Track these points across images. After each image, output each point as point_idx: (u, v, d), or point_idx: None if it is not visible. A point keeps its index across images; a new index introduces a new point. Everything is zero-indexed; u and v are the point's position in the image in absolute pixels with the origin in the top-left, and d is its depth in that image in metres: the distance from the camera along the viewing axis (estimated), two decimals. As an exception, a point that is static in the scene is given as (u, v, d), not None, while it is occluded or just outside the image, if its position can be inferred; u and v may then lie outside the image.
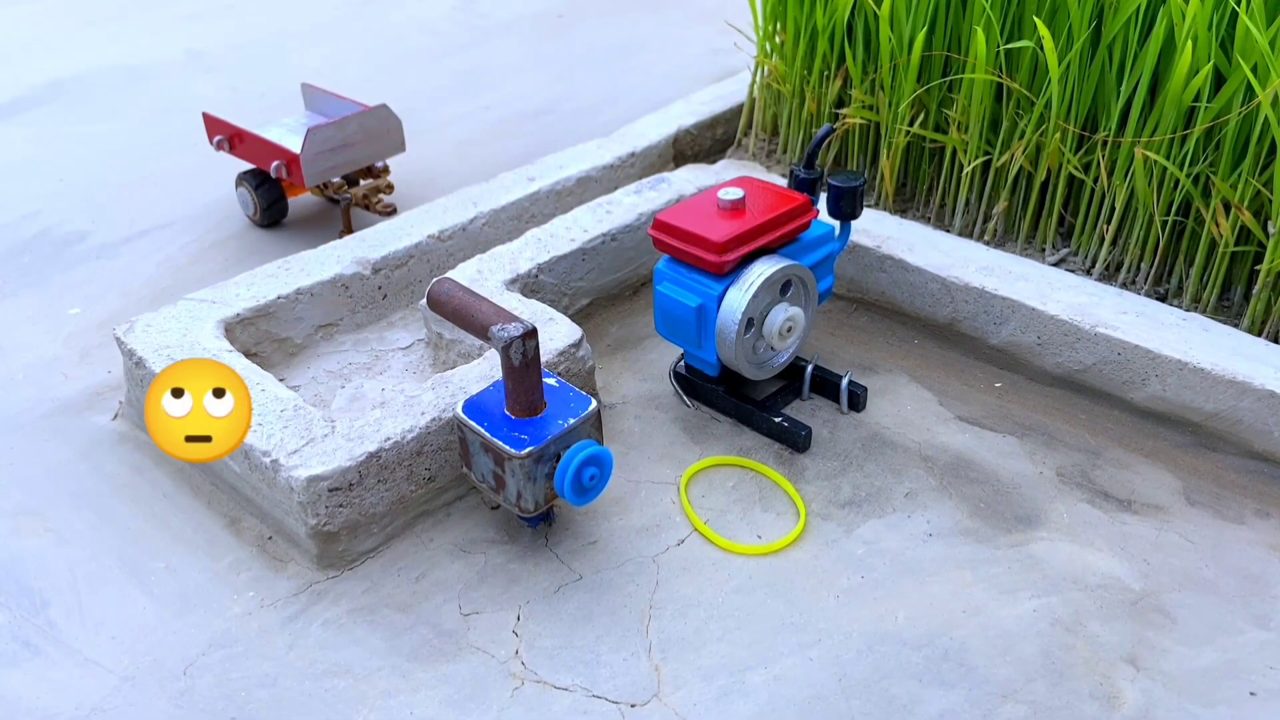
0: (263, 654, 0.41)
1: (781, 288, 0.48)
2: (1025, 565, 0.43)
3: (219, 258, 0.70)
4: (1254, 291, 0.54)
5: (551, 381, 0.44)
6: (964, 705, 0.38)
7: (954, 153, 0.71)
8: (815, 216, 0.50)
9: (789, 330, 0.48)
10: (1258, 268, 0.54)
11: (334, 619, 0.43)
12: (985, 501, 0.47)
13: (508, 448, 0.41)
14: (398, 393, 0.52)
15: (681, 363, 0.54)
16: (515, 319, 0.40)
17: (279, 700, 0.39)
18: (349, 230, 0.71)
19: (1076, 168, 0.66)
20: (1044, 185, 0.70)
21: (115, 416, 0.54)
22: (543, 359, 0.44)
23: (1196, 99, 0.55)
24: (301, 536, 0.44)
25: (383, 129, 0.70)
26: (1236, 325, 0.53)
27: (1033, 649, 0.40)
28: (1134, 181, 0.62)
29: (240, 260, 0.69)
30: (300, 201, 0.76)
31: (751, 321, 0.47)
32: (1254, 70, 0.54)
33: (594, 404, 0.43)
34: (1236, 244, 0.55)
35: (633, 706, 0.38)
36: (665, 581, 0.44)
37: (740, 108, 0.75)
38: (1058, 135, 0.64)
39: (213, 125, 0.72)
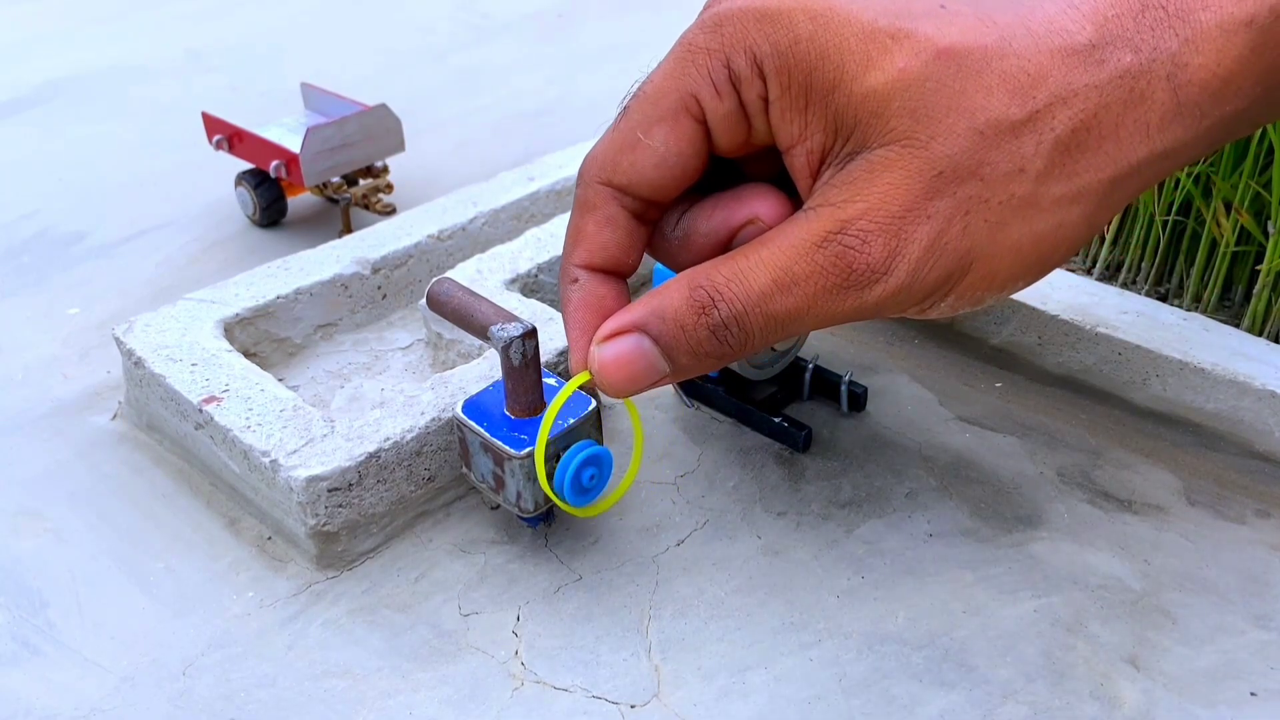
0: (262, 654, 0.41)
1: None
2: (1026, 565, 0.43)
3: (218, 258, 0.70)
4: (1254, 291, 0.54)
5: (551, 381, 0.44)
6: (965, 705, 0.38)
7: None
8: (815, 216, 0.50)
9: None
10: (1258, 267, 0.54)
11: (333, 619, 0.42)
12: (986, 501, 0.47)
13: (507, 448, 0.41)
14: (397, 393, 0.52)
15: (681, 363, 0.54)
16: (515, 319, 0.40)
17: (278, 700, 0.39)
18: (348, 230, 0.71)
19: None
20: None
21: (114, 416, 0.54)
22: (543, 359, 0.43)
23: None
24: (301, 537, 0.44)
25: (382, 129, 0.70)
26: (1237, 325, 0.53)
27: (1033, 649, 0.40)
28: (1134, 181, 0.62)
29: (240, 260, 0.69)
30: (300, 201, 0.76)
31: None
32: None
33: (594, 404, 0.43)
34: (1237, 244, 0.55)
35: (633, 707, 0.38)
36: (665, 581, 0.43)
37: (740, 108, 0.75)
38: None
39: (212, 125, 0.72)
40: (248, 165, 0.75)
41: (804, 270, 0.34)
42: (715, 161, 0.37)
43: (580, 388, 0.36)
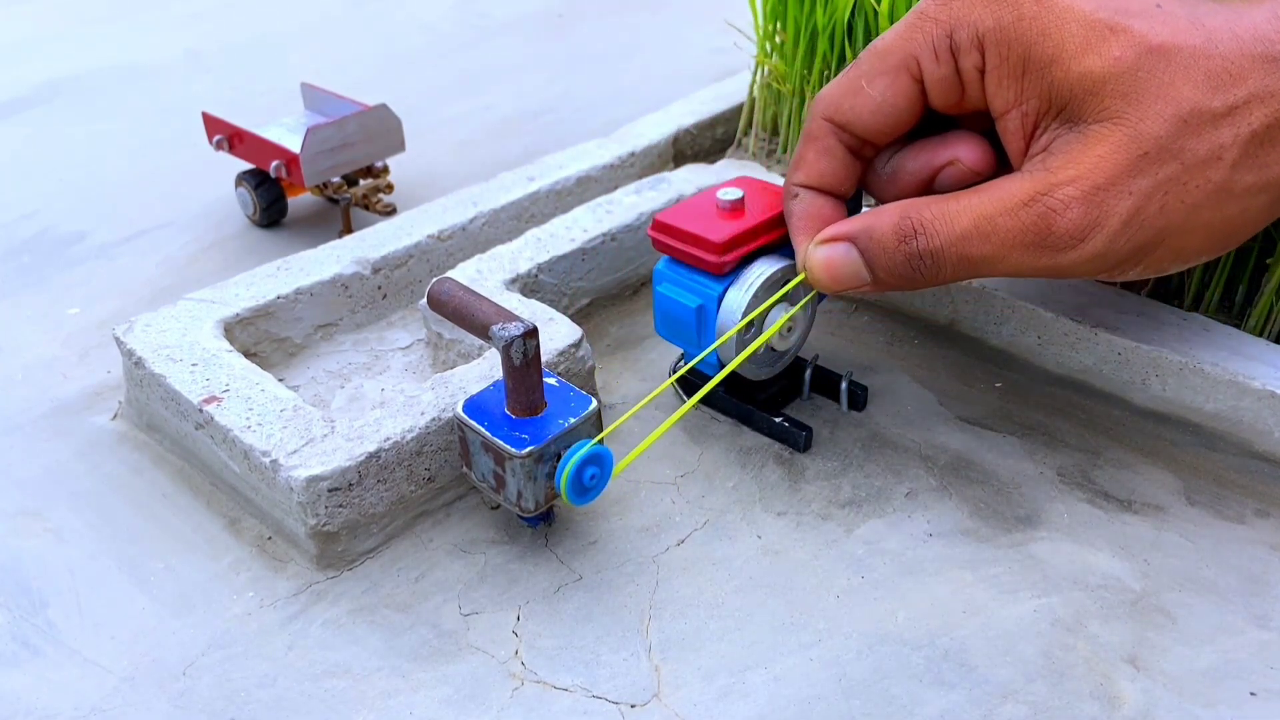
0: (262, 654, 0.41)
1: (782, 287, 0.48)
2: (1025, 565, 0.43)
3: (218, 258, 0.70)
4: (1256, 292, 0.54)
5: (551, 381, 0.44)
6: (964, 705, 0.38)
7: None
8: (815, 216, 0.50)
9: (789, 330, 0.48)
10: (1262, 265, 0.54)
11: (334, 619, 0.42)
12: (985, 501, 0.47)
13: (508, 447, 0.41)
14: (397, 393, 0.52)
15: (682, 362, 0.54)
16: (516, 318, 0.40)
17: (278, 700, 0.39)
18: (349, 230, 0.71)
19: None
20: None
21: (114, 416, 0.54)
22: (543, 359, 0.43)
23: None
24: (301, 537, 0.44)
25: (383, 129, 0.70)
26: (1238, 326, 0.53)
27: (1033, 649, 0.40)
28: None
29: (240, 260, 0.69)
30: (300, 201, 0.76)
31: (751, 322, 0.47)
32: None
33: (594, 404, 0.43)
34: (1237, 244, 0.55)
35: (633, 707, 0.38)
36: (665, 581, 0.44)
37: (740, 107, 0.75)
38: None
39: (212, 125, 0.72)
40: (248, 165, 0.75)
41: (1006, 223, 0.38)
42: (931, 111, 0.42)
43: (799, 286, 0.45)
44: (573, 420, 0.42)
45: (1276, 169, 0.37)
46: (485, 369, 0.48)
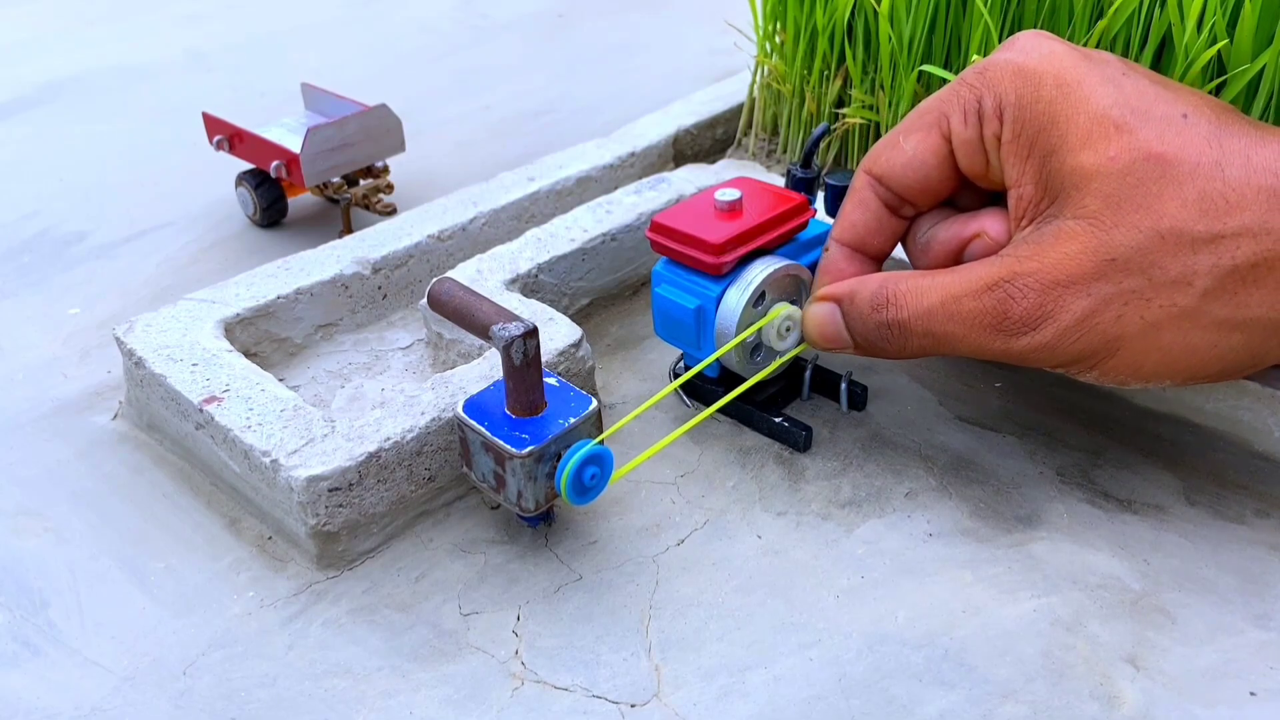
0: (262, 654, 0.41)
1: (779, 288, 0.48)
2: (1025, 565, 0.43)
3: (219, 258, 0.70)
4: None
5: (552, 381, 0.44)
6: (964, 705, 0.38)
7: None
8: (813, 216, 0.50)
9: (787, 330, 0.48)
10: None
11: (334, 619, 0.43)
12: (985, 501, 0.47)
13: (508, 447, 0.41)
14: (398, 393, 0.52)
15: (681, 363, 0.54)
16: (516, 318, 0.40)
17: (279, 700, 0.39)
18: (349, 230, 0.71)
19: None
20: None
21: (115, 416, 0.54)
22: (543, 359, 0.43)
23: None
24: (301, 536, 0.44)
25: (383, 129, 0.70)
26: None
27: (1033, 649, 0.40)
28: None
29: (240, 260, 0.69)
30: (300, 201, 0.76)
31: (757, 330, 0.47)
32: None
33: (594, 403, 0.43)
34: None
35: (633, 706, 0.38)
36: (665, 581, 0.44)
37: (740, 108, 0.75)
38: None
39: (213, 125, 0.72)
40: (248, 165, 0.75)
41: (970, 305, 0.39)
42: (969, 183, 0.42)
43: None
44: (573, 420, 0.42)
45: (1256, 310, 0.36)
46: (485, 369, 0.48)
